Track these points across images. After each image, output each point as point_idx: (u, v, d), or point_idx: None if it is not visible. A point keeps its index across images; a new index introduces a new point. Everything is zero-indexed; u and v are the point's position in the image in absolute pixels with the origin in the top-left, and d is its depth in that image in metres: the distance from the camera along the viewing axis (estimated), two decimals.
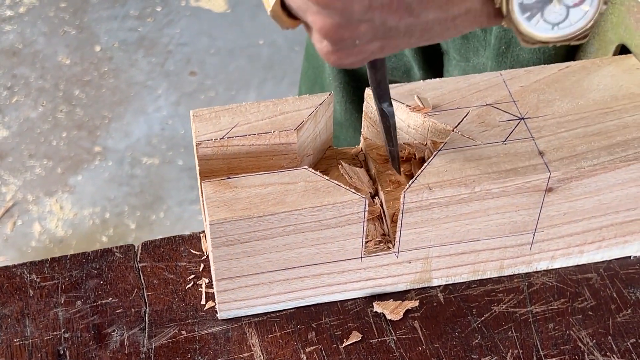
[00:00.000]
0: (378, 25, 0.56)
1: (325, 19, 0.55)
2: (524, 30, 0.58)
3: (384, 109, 0.68)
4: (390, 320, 0.72)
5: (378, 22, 0.55)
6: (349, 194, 0.66)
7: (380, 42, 0.57)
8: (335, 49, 0.57)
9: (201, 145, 0.69)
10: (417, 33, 0.57)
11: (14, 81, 2.19)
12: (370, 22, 0.55)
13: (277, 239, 0.67)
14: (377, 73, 0.66)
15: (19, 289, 0.73)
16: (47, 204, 1.96)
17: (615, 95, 0.72)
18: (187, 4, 2.36)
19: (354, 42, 0.57)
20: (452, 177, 0.67)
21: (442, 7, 0.56)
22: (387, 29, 0.56)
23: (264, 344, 0.70)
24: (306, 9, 0.57)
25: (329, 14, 0.55)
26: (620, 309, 0.73)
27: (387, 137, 0.70)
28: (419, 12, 0.55)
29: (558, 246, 0.74)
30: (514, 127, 0.70)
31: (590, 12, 0.57)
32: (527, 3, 0.57)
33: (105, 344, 0.70)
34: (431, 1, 0.55)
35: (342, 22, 0.55)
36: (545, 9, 0.57)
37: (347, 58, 0.58)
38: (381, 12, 0.55)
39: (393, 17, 0.55)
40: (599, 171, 0.68)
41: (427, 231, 0.69)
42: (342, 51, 0.57)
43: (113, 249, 0.75)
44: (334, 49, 0.57)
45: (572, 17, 0.57)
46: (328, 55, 0.58)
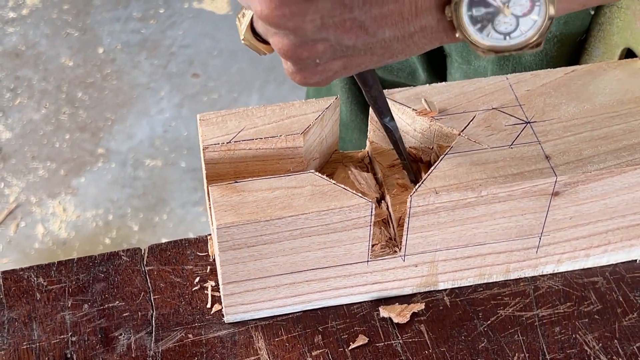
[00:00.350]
0: (335, 44, 0.57)
1: (282, 40, 0.57)
2: (476, 41, 0.58)
3: (386, 124, 0.68)
4: (397, 323, 0.72)
5: (334, 41, 0.56)
6: (355, 198, 0.66)
7: (342, 61, 0.58)
8: (297, 69, 0.59)
9: (208, 149, 0.69)
10: (377, 51, 0.58)
11: (17, 83, 2.19)
12: (326, 42, 0.56)
13: (283, 243, 0.67)
14: (371, 90, 0.66)
15: (26, 293, 0.73)
16: (50, 205, 1.96)
17: (621, 99, 0.72)
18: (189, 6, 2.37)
19: (314, 62, 0.58)
20: (458, 181, 0.67)
21: (396, 25, 0.56)
22: (344, 48, 0.57)
23: (270, 348, 0.71)
24: (266, 32, 0.58)
25: (284, 34, 0.56)
26: (627, 313, 0.73)
27: (397, 151, 0.71)
28: (374, 30, 0.56)
29: (564, 250, 0.74)
30: (520, 131, 0.70)
31: (539, 21, 0.58)
32: (477, 15, 0.57)
33: (112, 348, 0.70)
34: (384, 19, 0.56)
35: (297, 42, 0.56)
36: (495, 19, 0.58)
37: (312, 77, 0.59)
38: (335, 30, 0.56)
39: (348, 35, 0.56)
40: (606, 175, 0.68)
41: (434, 235, 0.70)
42: (304, 71, 0.59)
43: (120, 252, 0.76)
44: (296, 69, 0.59)
45: (522, 26, 0.58)
46: (293, 75, 0.60)
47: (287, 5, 0.54)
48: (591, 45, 0.81)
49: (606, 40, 0.79)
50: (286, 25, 0.55)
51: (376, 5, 0.55)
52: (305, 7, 0.54)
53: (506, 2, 0.57)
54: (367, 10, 0.55)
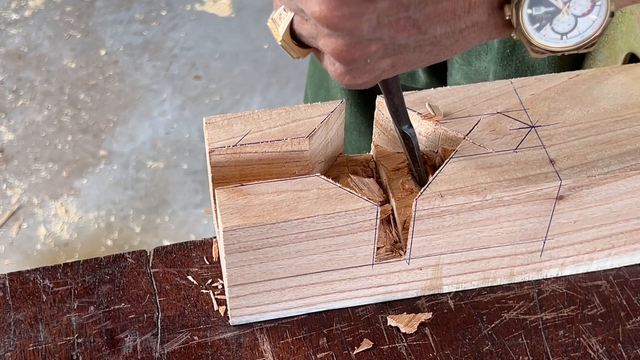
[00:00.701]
0: (388, 43, 0.57)
1: (336, 41, 0.56)
2: (534, 40, 0.59)
3: (404, 131, 0.69)
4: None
5: (387, 40, 0.57)
6: (361, 202, 0.66)
7: (391, 59, 0.58)
8: (347, 70, 0.58)
9: (214, 152, 0.69)
10: (426, 48, 0.58)
11: (19, 84, 2.19)
12: (380, 41, 0.56)
13: (289, 246, 0.67)
14: (394, 98, 0.67)
15: (33, 294, 0.73)
16: (52, 207, 1.96)
17: (625, 104, 0.73)
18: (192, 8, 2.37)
19: (365, 61, 0.58)
20: (463, 185, 0.67)
21: (448, 22, 0.57)
22: (396, 46, 0.57)
23: (275, 350, 0.71)
24: (316, 34, 0.58)
25: (339, 35, 0.56)
26: (630, 317, 0.73)
27: (411, 159, 0.71)
28: (426, 27, 0.56)
29: (568, 253, 0.74)
30: (524, 135, 0.71)
31: (598, 21, 0.58)
32: (537, 14, 0.57)
33: (117, 349, 0.70)
34: (437, 16, 0.56)
35: (352, 43, 0.56)
36: (554, 19, 0.58)
37: (360, 77, 0.59)
38: (389, 29, 0.56)
39: (401, 34, 0.56)
40: (610, 179, 0.68)
41: (439, 238, 0.70)
42: (354, 71, 0.58)
43: (125, 254, 0.76)
44: (346, 70, 0.58)
45: (581, 26, 0.58)
46: (341, 76, 0.59)
47: (346, 5, 0.54)
48: (595, 49, 0.81)
49: (610, 44, 0.79)
50: (344, 25, 0.55)
51: (431, 3, 0.55)
52: (365, 6, 0.54)
53: (567, 2, 0.57)
54: (422, 9, 0.55)
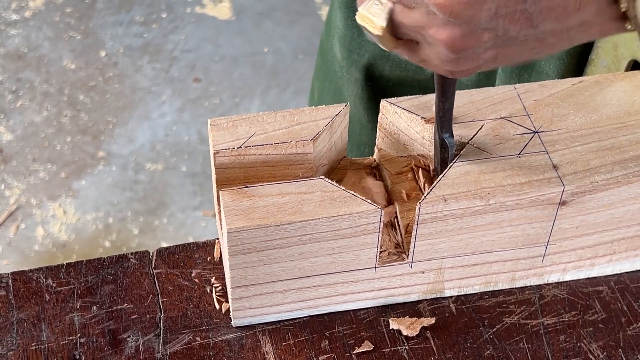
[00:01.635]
0: (500, 34, 0.58)
1: (452, 29, 0.57)
2: None
3: (445, 139, 0.69)
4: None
5: (500, 31, 0.57)
6: (365, 205, 0.66)
7: (495, 51, 0.59)
8: (454, 58, 0.59)
9: (219, 154, 0.69)
10: (531, 44, 0.59)
11: (18, 85, 2.19)
12: (493, 31, 0.57)
13: (293, 248, 0.67)
14: (446, 102, 0.67)
15: (35, 294, 0.73)
16: (51, 208, 1.96)
17: (628, 111, 0.73)
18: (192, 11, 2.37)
19: (474, 51, 0.58)
20: (466, 189, 0.68)
21: (558, 19, 0.58)
22: (506, 38, 0.58)
23: (277, 352, 0.71)
24: (426, 23, 0.58)
25: (456, 24, 0.56)
26: (631, 322, 0.73)
27: (441, 166, 0.70)
28: (538, 22, 0.57)
29: (570, 259, 0.74)
30: (528, 140, 0.71)
31: None
32: None
33: (120, 350, 0.71)
34: (550, 12, 0.57)
35: (467, 31, 0.57)
36: None
37: (464, 65, 0.60)
38: (504, 20, 0.57)
39: (514, 26, 0.57)
40: (612, 185, 0.69)
41: (441, 242, 0.70)
42: (460, 60, 0.59)
43: (128, 255, 0.76)
44: (452, 58, 0.59)
45: None
46: (443, 63, 0.60)
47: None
48: (598, 56, 0.81)
49: (613, 51, 0.79)
50: (465, 13, 0.55)
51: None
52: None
53: None
54: (538, 2, 0.56)
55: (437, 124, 0.69)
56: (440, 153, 0.70)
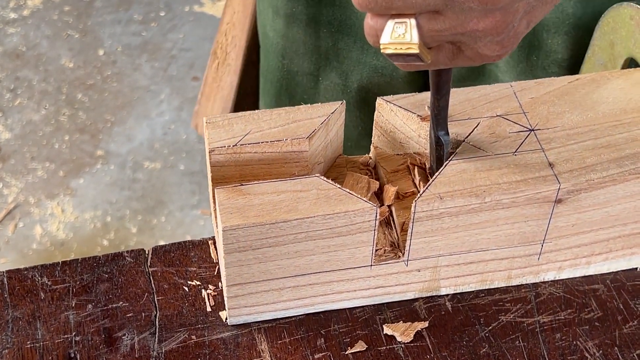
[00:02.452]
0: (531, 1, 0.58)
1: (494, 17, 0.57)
2: None
3: (440, 137, 0.68)
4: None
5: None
6: (360, 203, 0.66)
7: (526, 19, 0.60)
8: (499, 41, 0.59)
9: (214, 152, 0.69)
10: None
11: (17, 83, 2.19)
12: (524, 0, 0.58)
13: (288, 246, 0.67)
14: (441, 100, 0.66)
15: (31, 292, 0.73)
16: (49, 206, 1.96)
17: (624, 109, 0.73)
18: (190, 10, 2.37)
19: (512, 26, 0.59)
20: (462, 187, 0.67)
21: None
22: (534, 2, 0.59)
23: (273, 350, 0.71)
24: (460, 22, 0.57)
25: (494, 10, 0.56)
26: (627, 320, 0.73)
27: (437, 164, 0.70)
28: None
29: (566, 257, 0.74)
30: (524, 138, 0.71)
31: None
32: None
33: (115, 348, 0.70)
34: None
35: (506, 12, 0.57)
36: None
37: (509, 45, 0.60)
38: None
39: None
40: (608, 183, 0.69)
41: (437, 240, 0.70)
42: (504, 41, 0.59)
43: (124, 253, 0.76)
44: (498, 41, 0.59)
45: None
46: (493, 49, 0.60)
47: None
48: (595, 54, 0.81)
49: (609, 49, 0.79)
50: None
51: None
52: None
53: None
54: None
55: (432, 122, 0.69)
56: (435, 151, 0.70)
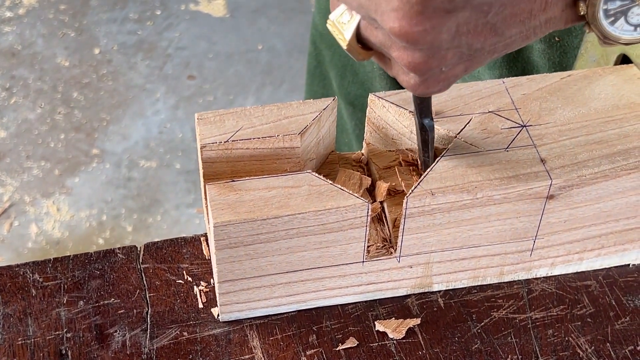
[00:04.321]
0: (464, 50, 0.56)
1: (413, 54, 0.55)
2: (608, 33, 0.59)
3: (424, 124, 0.68)
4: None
5: (464, 47, 0.56)
6: (352, 199, 0.66)
7: (465, 65, 0.58)
8: (422, 80, 0.57)
9: (205, 148, 0.69)
10: (499, 49, 0.57)
11: (12, 82, 2.19)
12: (457, 48, 0.55)
13: (280, 242, 0.67)
14: None
15: (22, 289, 0.73)
16: (44, 205, 1.96)
17: (616, 105, 0.73)
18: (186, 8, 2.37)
19: (440, 70, 0.57)
20: (454, 183, 0.67)
21: (524, 22, 0.56)
22: (472, 51, 0.56)
23: (265, 347, 0.71)
24: (390, 45, 0.56)
25: (416, 48, 0.54)
26: (619, 317, 0.73)
27: (423, 148, 0.70)
28: (502, 30, 0.56)
29: (558, 253, 0.74)
30: (516, 134, 0.71)
31: None
32: (611, 8, 0.58)
33: (107, 344, 0.70)
34: (514, 17, 0.56)
35: (429, 54, 0.55)
36: (629, 12, 0.59)
37: (435, 86, 0.58)
38: (467, 37, 0.55)
39: (478, 39, 0.55)
40: (600, 179, 0.69)
41: (429, 236, 0.70)
42: (429, 80, 0.58)
43: (115, 249, 0.76)
44: (421, 80, 0.57)
45: None
46: (415, 87, 0.58)
47: (428, 19, 0.52)
48: (587, 51, 0.81)
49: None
50: (424, 40, 0.53)
51: (509, 6, 0.54)
52: (446, 18, 0.53)
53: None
54: (501, 12, 0.54)
55: (416, 110, 0.68)
56: (421, 136, 0.70)
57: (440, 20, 0.53)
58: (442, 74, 0.57)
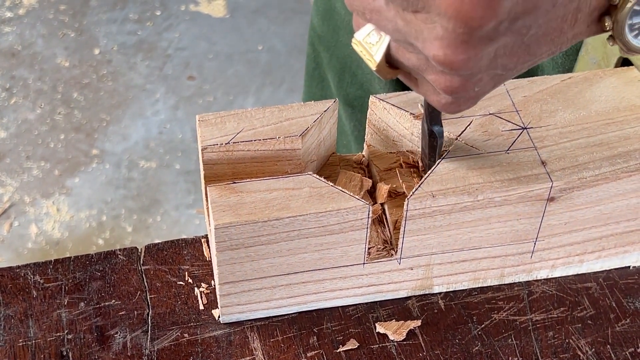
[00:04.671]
0: (499, 71, 0.56)
1: (452, 79, 0.55)
2: (633, 46, 0.60)
3: (433, 130, 0.68)
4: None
5: (499, 69, 0.56)
6: (353, 201, 0.66)
7: (494, 82, 0.58)
8: (454, 100, 0.58)
9: (207, 149, 0.69)
10: (527, 66, 0.58)
11: (12, 82, 2.19)
12: (492, 71, 0.56)
13: (281, 244, 0.67)
14: None
15: (23, 290, 0.73)
16: (44, 205, 1.96)
17: (617, 107, 0.73)
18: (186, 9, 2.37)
19: (474, 91, 0.57)
20: (455, 185, 0.67)
21: (554, 40, 0.57)
22: (504, 71, 0.57)
23: (265, 348, 0.71)
24: (425, 69, 0.56)
25: (456, 74, 0.54)
26: (619, 319, 0.73)
27: (430, 153, 0.70)
28: (534, 50, 0.56)
29: (558, 255, 0.74)
30: (516, 136, 0.71)
31: None
32: (636, 22, 0.59)
33: (108, 346, 0.70)
34: (546, 36, 0.56)
35: (467, 78, 0.55)
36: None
37: (465, 104, 0.59)
38: (503, 58, 0.55)
39: (512, 60, 0.56)
40: (601, 181, 0.69)
41: (430, 238, 0.70)
42: (460, 100, 0.58)
43: (116, 251, 0.76)
44: (453, 100, 0.58)
45: None
46: (446, 106, 0.59)
47: (472, 48, 0.52)
48: (588, 53, 0.81)
49: (602, 48, 0.79)
50: (467, 67, 0.53)
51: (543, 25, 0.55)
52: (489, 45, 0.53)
53: None
54: (535, 33, 0.55)
55: (425, 117, 0.68)
56: (429, 142, 0.70)
57: (483, 48, 0.53)
58: (473, 94, 0.58)
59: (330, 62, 1.10)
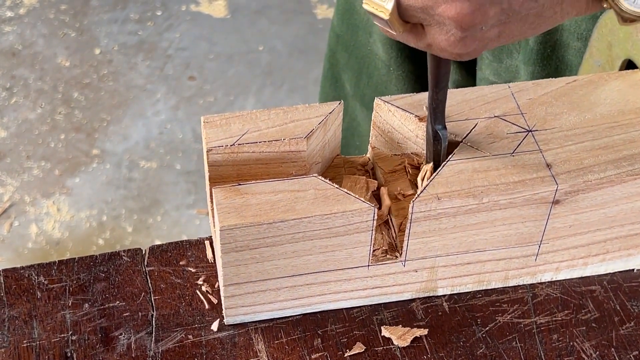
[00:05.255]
0: (505, 7, 0.59)
1: (461, 5, 0.58)
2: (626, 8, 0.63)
3: (438, 131, 0.68)
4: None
5: (505, 4, 0.59)
6: (358, 203, 0.66)
7: (499, 29, 0.60)
8: (462, 37, 0.60)
9: (212, 151, 0.69)
10: (530, 18, 0.60)
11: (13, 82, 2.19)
12: (498, 5, 0.58)
13: (285, 246, 0.67)
14: (439, 93, 0.67)
15: (27, 291, 0.73)
16: (44, 205, 1.96)
17: (622, 110, 0.73)
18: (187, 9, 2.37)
19: (480, 28, 0.59)
20: (460, 188, 0.67)
21: None
22: (510, 12, 0.59)
23: (270, 350, 0.71)
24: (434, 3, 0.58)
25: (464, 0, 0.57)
26: (624, 322, 0.73)
27: (435, 158, 0.70)
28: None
29: (563, 258, 0.74)
30: (522, 139, 0.71)
31: None
32: None
33: (112, 347, 0.70)
34: None
35: (475, 6, 0.58)
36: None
37: (471, 46, 0.60)
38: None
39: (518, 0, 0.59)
40: (606, 184, 0.69)
41: (434, 241, 0.70)
42: (467, 39, 0.60)
43: (121, 252, 0.76)
44: (461, 37, 0.59)
45: None
46: (454, 45, 0.60)
47: None
48: (592, 56, 0.81)
49: (607, 51, 0.79)
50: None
51: None
52: None
53: None
54: None
55: (430, 116, 0.68)
56: (433, 145, 0.70)
57: None
58: (480, 33, 0.60)
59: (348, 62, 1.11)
